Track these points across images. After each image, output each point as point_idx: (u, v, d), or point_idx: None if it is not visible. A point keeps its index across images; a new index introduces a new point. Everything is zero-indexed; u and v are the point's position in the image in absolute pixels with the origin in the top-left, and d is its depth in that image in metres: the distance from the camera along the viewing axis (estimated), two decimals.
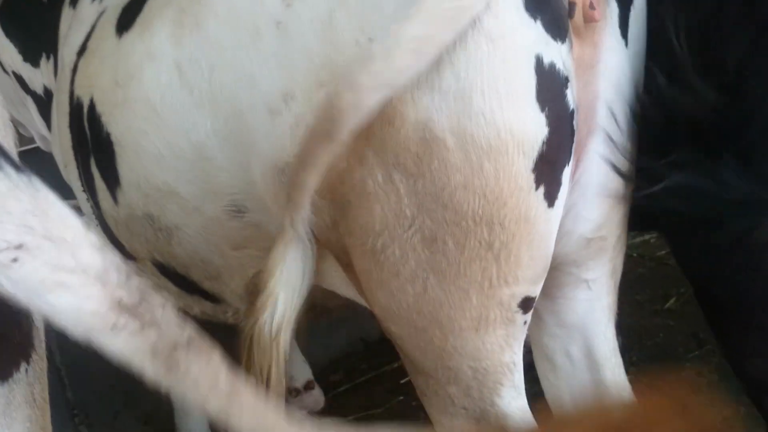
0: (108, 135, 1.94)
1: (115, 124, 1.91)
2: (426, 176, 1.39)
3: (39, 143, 3.13)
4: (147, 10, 1.90)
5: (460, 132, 1.35)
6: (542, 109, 1.36)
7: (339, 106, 1.32)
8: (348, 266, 1.63)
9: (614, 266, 1.80)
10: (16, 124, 2.94)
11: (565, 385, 1.90)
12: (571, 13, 1.39)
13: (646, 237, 4.43)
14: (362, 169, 1.44)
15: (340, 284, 1.82)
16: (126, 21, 1.96)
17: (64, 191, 2.74)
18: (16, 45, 2.81)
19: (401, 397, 3.67)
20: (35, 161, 3.15)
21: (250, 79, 1.56)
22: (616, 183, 1.61)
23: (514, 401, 1.59)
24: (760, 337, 1.76)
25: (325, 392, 3.69)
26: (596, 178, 1.58)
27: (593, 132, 1.53)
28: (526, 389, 1.65)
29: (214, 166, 1.71)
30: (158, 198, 1.88)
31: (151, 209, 1.92)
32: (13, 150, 1.16)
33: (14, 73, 2.85)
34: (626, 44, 1.54)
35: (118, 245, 2.23)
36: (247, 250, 1.87)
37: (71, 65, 2.23)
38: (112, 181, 1.99)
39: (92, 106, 2.00)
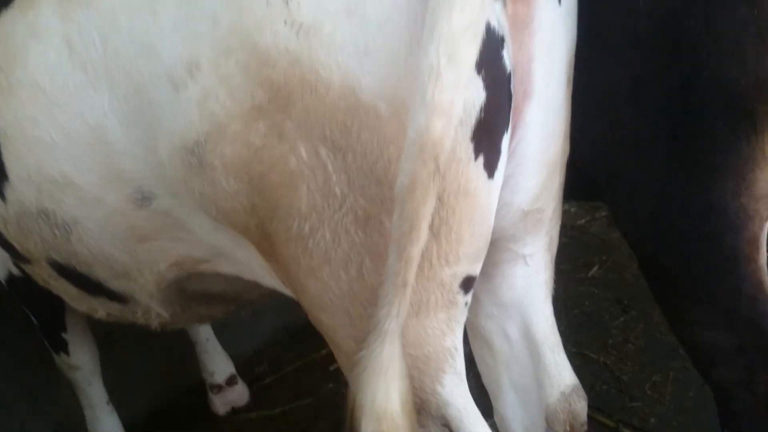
0: None
1: (0, 114, 1.73)
2: (356, 149, 1.28)
3: None
4: None
5: (392, 98, 1.24)
6: (479, 72, 1.25)
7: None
8: (270, 255, 1.51)
9: (551, 239, 1.74)
10: None
11: (504, 368, 1.85)
12: None
13: (566, 207, 4.49)
14: (282, 145, 1.32)
15: (262, 274, 1.70)
16: None
17: None
18: None
19: (330, 385, 3.61)
20: None
21: (149, 49, 1.41)
22: (552, 151, 1.55)
23: (456, 388, 1.51)
24: (709, 308, 1.74)
25: (250, 385, 3.60)
26: (533, 146, 1.50)
27: (529, 96, 1.45)
28: None
29: (115, 150, 1.57)
30: (53, 191, 1.71)
31: (45, 204, 1.75)
32: None
33: None
34: (559, 2, 1.45)
35: (8, 247, 2.04)
36: (156, 242, 1.73)
37: None
38: None
39: None
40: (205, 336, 3.40)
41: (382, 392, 1.35)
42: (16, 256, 2.07)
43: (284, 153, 1.32)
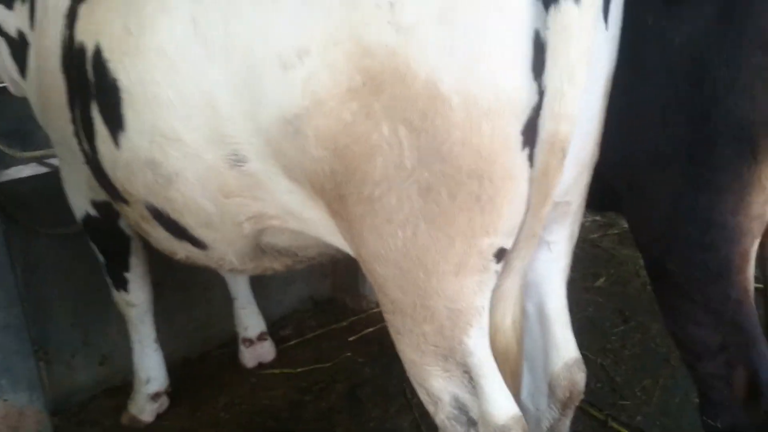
0: (115, 81, 1.97)
1: (125, 72, 1.94)
2: (429, 131, 1.47)
3: (8, 86, 3.11)
4: None
5: (465, 92, 1.44)
6: (535, 78, 1.47)
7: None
8: (339, 213, 1.72)
9: (572, 232, 1.98)
10: None
11: None
12: None
13: (581, 221, 4.74)
14: (368, 123, 1.52)
15: (324, 232, 1.91)
16: None
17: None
18: None
19: (348, 354, 3.85)
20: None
21: (265, 34, 1.61)
22: (585, 152, 1.78)
23: (479, 341, 1.72)
24: (701, 309, 1.94)
25: (276, 345, 3.84)
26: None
27: None
28: None
29: (220, 115, 1.77)
30: (163, 144, 1.92)
31: (155, 155, 1.96)
32: None
33: None
34: (606, 27, 1.64)
35: (109, 187, 2.27)
36: (239, 198, 1.94)
37: (65, 11, 2.24)
38: (116, 125, 2.02)
39: (98, 52, 2.02)
40: (244, 294, 3.65)
41: (500, 312, 1.79)
42: (115, 196, 2.30)
43: (369, 129, 1.52)
